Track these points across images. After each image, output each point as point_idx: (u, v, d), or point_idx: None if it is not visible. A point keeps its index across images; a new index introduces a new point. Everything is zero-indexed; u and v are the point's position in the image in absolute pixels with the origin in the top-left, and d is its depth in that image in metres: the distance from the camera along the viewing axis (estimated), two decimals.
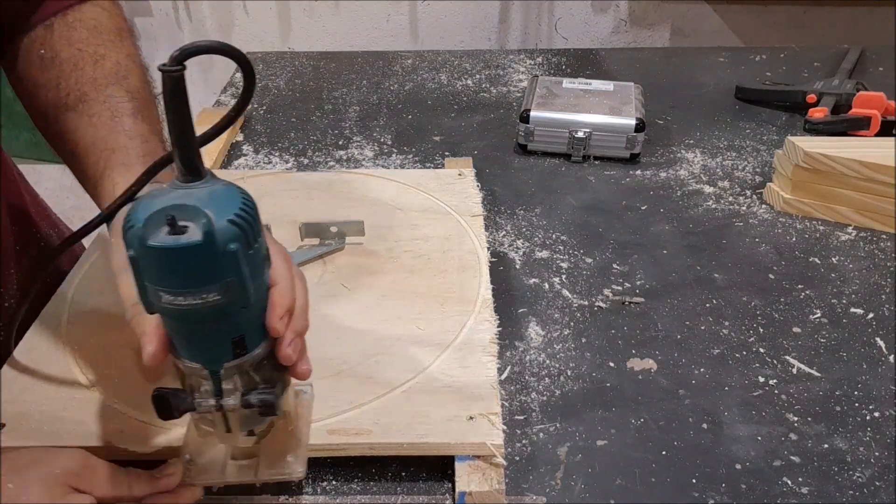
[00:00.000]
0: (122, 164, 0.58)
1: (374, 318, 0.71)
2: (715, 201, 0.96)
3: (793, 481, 0.59)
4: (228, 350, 0.44)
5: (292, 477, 0.52)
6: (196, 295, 0.39)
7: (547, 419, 0.65)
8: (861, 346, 0.73)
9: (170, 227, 0.38)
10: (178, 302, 0.39)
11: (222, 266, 0.39)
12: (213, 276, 0.39)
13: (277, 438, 0.53)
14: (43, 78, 0.63)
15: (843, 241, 0.88)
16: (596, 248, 0.87)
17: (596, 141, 1.03)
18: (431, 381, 0.63)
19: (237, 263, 0.40)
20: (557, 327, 0.75)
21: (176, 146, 0.40)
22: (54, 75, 0.63)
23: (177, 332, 0.44)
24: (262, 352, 0.46)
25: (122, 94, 0.62)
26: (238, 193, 0.41)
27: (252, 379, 0.46)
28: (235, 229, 0.39)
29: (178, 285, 0.39)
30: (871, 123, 1.05)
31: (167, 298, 0.39)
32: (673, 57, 1.43)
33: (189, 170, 0.41)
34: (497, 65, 1.36)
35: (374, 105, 1.21)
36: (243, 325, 0.44)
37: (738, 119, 1.16)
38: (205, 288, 0.39)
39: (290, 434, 0.53)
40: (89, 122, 0.60)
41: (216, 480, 0.52)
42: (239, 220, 0.39)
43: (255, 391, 0.46)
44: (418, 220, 0.84)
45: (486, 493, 0.55)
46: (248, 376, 0.46)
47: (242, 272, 0.40)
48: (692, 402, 0.67)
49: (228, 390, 0.45)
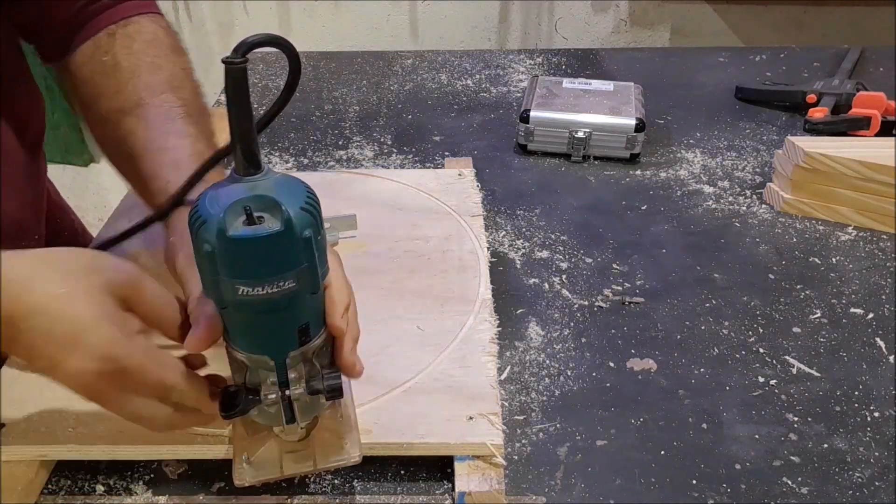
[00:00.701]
0: (173, 162, 0.59)
1: (374, 318, 0.71)
2: (715, 201, 0.96)
3: (793, 481, 0.59)
4: (294, 339, 0.45)
5: (349, 461, 0.52)
6: (273, 283, 0.40)
7: (547, 419, 0.65)
8: (861, 346, 0.73)
9: (247, 218, 0.39)
10: (255, 292, 0.40)
11: (298, 253, 0.41)
12: (290, 263, 0.40)
13: (327, 426, 0.53)
14: (105, 84, 0.64)
15: (843, 241, 0.88)
16: (596, 248, 0.87)
17: (596, 141, 1.03)
18: (431, 381, 0.63)
19: (311, 249, 0.41)
20: (557, 327, 0.75)
21: (238, 140, 0.41)
22: (114, 81, 0.64)
23: (246, 325, 0.45)
24: (323, 339, 0.48)
25: (175, 100, 0.64)
26: (300, 183, 0.43)
27: (314, 366, 0.48)
28: (308, 216, 0.41)
29: (256, 275, 0.40)
30: (871, 123, 1.04)
31: (244, 290, 0.40)
32: (673, 57, 1.43)
33: (251, 163, 0.42)
34: (497, 65, 1.36)
35: (374, 105, 1.21)
36: (308, 312, 0.45)
37: (738, 119, 1.16)
38: (281, 276, 0.40)
39: (341, 420, 0.54)
40: (144, 126, 0.62)
41: (275, 475, 0.52)
42: (309, 208, 0.41)
43: (316, 378, 0.47)
44: (418, 220, 0.84)
45: (486, 493, 0.55)
46: (311, 363, 0.47)
47: (314, 258, 0.42)
48: (692, 402, 0.67)
49: (294, 379, 0.47)
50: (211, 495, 0.58)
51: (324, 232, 0.44)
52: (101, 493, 0.58)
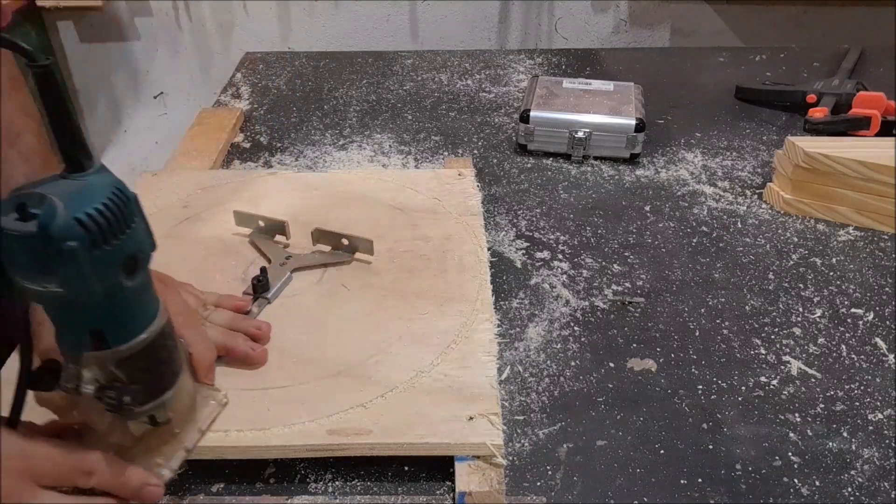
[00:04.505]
0: None
1: (374, 318, 0.71)
2: (715, 201, 0.96)
3: (793, 481, 0.59)
4: (87, 340, 0.44)
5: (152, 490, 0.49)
6: (37, 283, 0.40)
7: (547, 419, 0.65)
8: (861, 346, 0.73)
9: (18, 213, 0.38)
10: (29, 286, 0.40)
11: (59, 260, 0.39)
12: (51, 268, 0.39)
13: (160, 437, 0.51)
14: None
15: (843, 241, 0.88)
16: (596, 248, 0.87)
17: (596, 141, 1.03)
18: (431, 381, 0.63)
19: (76, 261, 0.39)
20: (557, 327, 0.75)
21: (55, 138, 0.41)
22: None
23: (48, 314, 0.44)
24: (128, 351, 0.45)
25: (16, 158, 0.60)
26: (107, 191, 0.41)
27: (114, 375, 0.45)
28: (78, 227, 0.39)
29: (23, 270, 0.40)
30: (871, 123, 1.04)
31: (20, 281, 0.40)
32: (673, 57, 1.43)
33: (69, 162, 0.41)
34: (497, 65, 1.36)
35: (374, 105, 1.21)
36: (100, 319, 0.43)
37: (738, 119, 1.16)
38: (45, 278, 0.40)
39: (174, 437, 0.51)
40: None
41: None
42: (86, 219, 0.39)
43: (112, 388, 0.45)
44: (418, 220, 0.84)
45: (486, 493, 0.55)
46: (111, 372, 0.45)
47: (84, 270, 0.40)
48: (692, 402, 0.67)
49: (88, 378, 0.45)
50: (211, 495, 0.58)
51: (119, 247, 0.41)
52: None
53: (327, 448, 0.58)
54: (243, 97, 1.25)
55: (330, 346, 0.67)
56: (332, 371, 0.64)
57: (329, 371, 0.64)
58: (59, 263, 0.39)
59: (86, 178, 0.41)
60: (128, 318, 0.45)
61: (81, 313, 0.43)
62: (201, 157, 1.01)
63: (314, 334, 0.69)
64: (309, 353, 0.66)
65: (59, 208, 0.38)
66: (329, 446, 0.57)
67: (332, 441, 0.57)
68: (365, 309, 0.72)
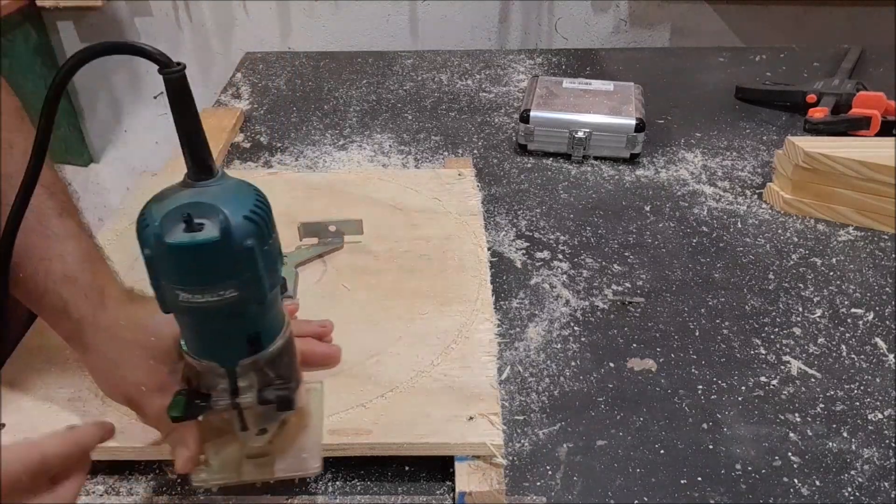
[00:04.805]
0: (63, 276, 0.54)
1: (374, 318, 0.71)
2: (715, 201, 0.96)
3: (793, 481, 0.59)
4: (244, 347, 0.45)
5: (308, 472, 0.52)
6: (213, 292, 0.40)
7: (547, 419, 0.65)
8: (861, 346, 0.73)
9: (186, 225, 0.38)
10: (195, 299, 0.40)
11: (239, 262, 0.40)
12: (230, 272, 0.40)
13: (291, 435, 0.53)
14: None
15: (843, 241, 0.88)
16: (596, 248, 0.87)
17: (596, 141, 1.03)
18: (431, 381, 0.63)
19: (253, 259, 0.40)
20: (557, 327, 0.75)
21: (186, 145, 0.41)
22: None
23: (192, 330, 0.44)
24: (277, 348, 0.46)
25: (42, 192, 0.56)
26: (251, 190, 0.42)
27: (267, 375, 0.47)
28: (251, 225, 0.40)
29: (195, 283, 0.39)
30: (871, 123, 1.04)
31: (184, 296, 0.40)
32: (673, 57, 1.43)
33: (201, 168, 0.41)
34: (497, 65, 1.36)
35: (374, 105, 1.21)
36: (259, 321, 0.44)
37: (738, 119, 1.16)
38: (222, 284, 0.40)
39: (304, 430, 0.53)
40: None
41: (232, 480, 0.52)
42: (254, 217, 0.40)
43: (270, 387, 0.46)
44: (418, 220, 0.84)
45: (486, 493, 0.55)
46: (264, 373, 0.46)
47: (258, 268, 0.41)
48: (692, 402, 0.67)
49: (244, 387, 0.46)
50: (211, 495, 0.58)
51: (274, 241, 0.43)
52: (102, 493, 0.58)
53: (327, 448, 0.57)
54: (243, 97, 1.25)
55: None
56: (331, 371, 0.64)
57: (329, 371, 0.64)
58: (239, 264, 0.40)
59: (219, 183, 0.41)
60: (275, 315, 0.46)
61: (243, 319, 0.43)
62: None
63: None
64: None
65: (228, 212, 0.39)
66: (329, 446, 0.57)
67: (332, 441, 0.57)
68: (365, 309, 0.72)
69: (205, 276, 0.39)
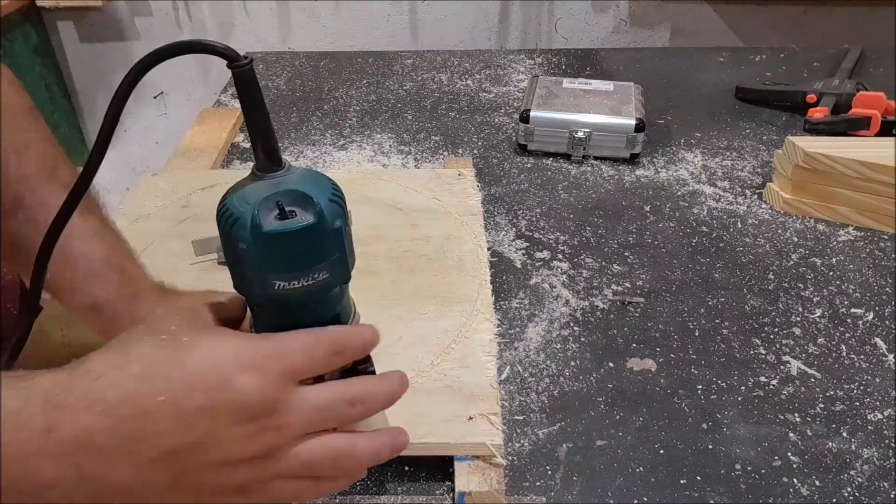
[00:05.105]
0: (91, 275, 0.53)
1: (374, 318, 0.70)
2: (715, 201, 0.96)
3: (792, 481, 0.59)
4: None
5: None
6: (308, 275, 0.41)
7: (547, 419, 0.65)
8: (861, 346, 0.73)
9: (280, 213, 0.39)
10: (291, 286, 0.41)
11: (331, 243, 0.41)
12: (323, 254, 0.41)
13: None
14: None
15: (843, 241, 0.88)
16: (596, 248, 0.87)
17: (596, 141, 1.03)
18: (431, 381, 0.63)
19: (342, 239, 0.42)
20: (557, 327, 0.75)
21: (257, 138, 0.42)
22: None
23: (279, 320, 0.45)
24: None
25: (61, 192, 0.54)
26: (325, 176, 0.43)
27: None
28: (337, 207, 0.41)
29: (291, 269, 0.41)
30: (871, 123, 1.05)
31: (280, 284, 0.41)
32: (673, 57, 1.43)
33: (272, 159, 0.42)
34: (497, 65, 1.36)
35: (374, 105, 1.21)
36: (338, 303, 0.46)
37: (738, 119, 1.16)
38: (316, 267, 0.41)
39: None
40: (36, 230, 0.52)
41: None
42: (337, 199, 0.42)
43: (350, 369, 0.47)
44: (418, 220, 0.84)
45: (486, 493, 0.55)
46: None
47: (345, 247, 0.43)
48: (692, 402, 0.67)
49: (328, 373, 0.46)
50: None
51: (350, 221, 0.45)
52: None
53: None
54: None
55: None
56: None
57: None
58: (331, 246, 0.41)
59: (290, 173, 0.43)
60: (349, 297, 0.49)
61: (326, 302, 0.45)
62: (201, 157, 1.01)
63: None
64: None
65: (315, 196, 0.40)
66: None
67: None
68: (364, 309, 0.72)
69: (301, 261, 0.41)
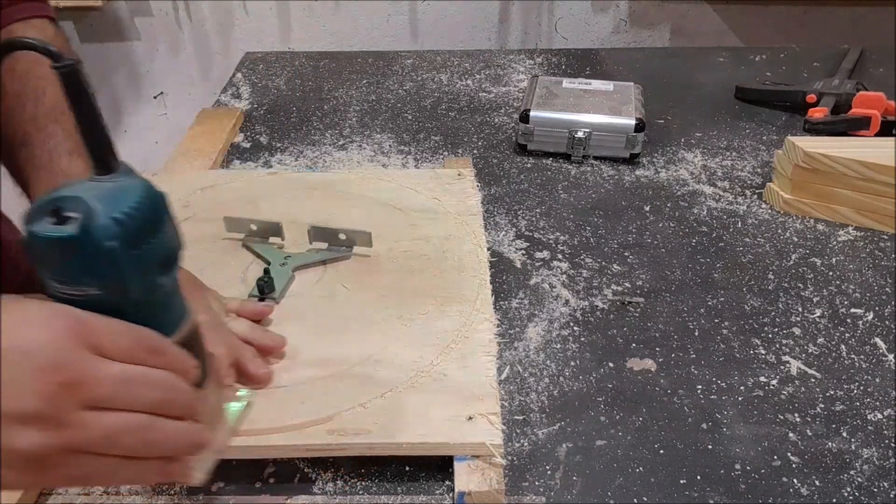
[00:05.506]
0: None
1: (374, 318, 0.71)
2: (715, 201, 0.96)
3: (793, 481, 0.59)
4: None
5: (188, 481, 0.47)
6: (75, 287, 0.39)
7: (546, 419, 0.65)
8: (861, 346, 0.73)
9: (55, 217, 0.38)
10: (63, 291, 0.39)
11: (100, 262, 0.39)
12: (91, 270, 0.39)
13: None
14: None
15: (843, 241, 0.88)
16: (596, 247, 0.87)
17: (596, 141, 1.03)
18: (431, 381, 0.63)
19: (115, 262, 0.39)
20: (557, 327, 0.75)
21: (84, 140, 0.41)
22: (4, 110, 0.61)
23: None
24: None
25: (61, 134, 0.61)
26: (139, 191, 0.41)
27: None
28: (116, 227, 0.38)
29: (59, 275, 0.39)
30: (871, 123, 1.05)
31: (54, 286, 0.40)
32: (673, 57, 1.43)
33: (98, 163, 0.41)
34: (497, 65, 1.36)
35: (374, 105, 1.21)
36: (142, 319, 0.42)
37: (738, 119, 1.16)
38: (83, 281, 0.39)
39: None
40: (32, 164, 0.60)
41: None
42: (124, 218, 0.39)
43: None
44: (418, 220, 0.84)
45: (486, 493, 0.55)
46: None
47: (123, 271, 0.39)
48: (692, 402, 0.67)
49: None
50: (211, 495, 0.58)
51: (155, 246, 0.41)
52: (101, 492, 0.58)
53: (327, 448, 0.58)
54: (243, 97, 1.25)
55: (330, 346, 0.67)
56: (331, 371, 0.64)
57: (329, 371, 0.64)
58: (99, 265, 0.39)
59: (115, 180, 0.41)
60: (162, 318, 0.44)
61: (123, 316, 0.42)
62: (201, 157, 1.01)
63: (314, 334, 0.69)
64: (309, 352, 0.66)
65: (97, 209, 0.38)
66: (329, 446, 0.57)
67: (331, 441, 0.57)
68: (364, 309, 0.72)
69: (67, 271, 0.39)
